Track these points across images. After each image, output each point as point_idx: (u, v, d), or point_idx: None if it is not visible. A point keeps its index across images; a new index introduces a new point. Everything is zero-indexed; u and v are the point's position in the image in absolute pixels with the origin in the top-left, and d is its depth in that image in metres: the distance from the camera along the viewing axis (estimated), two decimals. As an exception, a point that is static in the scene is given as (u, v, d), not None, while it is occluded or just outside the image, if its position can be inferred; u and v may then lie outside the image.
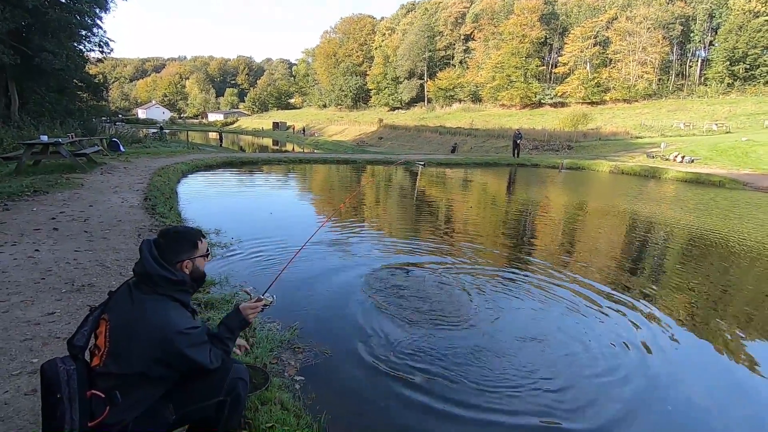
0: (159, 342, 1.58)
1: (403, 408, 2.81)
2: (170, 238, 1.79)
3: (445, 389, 3.00)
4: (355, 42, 75.86)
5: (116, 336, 1.60)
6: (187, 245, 1.81)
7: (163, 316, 1.62)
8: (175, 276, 1.70)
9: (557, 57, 54.28)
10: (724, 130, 31.41)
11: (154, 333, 1.58)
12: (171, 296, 1.70)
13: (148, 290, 1.66)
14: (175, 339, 1.60)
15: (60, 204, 6.74)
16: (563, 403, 2.95)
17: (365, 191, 12.76)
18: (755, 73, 41.31)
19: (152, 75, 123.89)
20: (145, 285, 1.67)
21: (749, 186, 16.36)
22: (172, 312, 1.66)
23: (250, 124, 74.92)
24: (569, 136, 32.22)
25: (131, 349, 1.58)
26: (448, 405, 2.85)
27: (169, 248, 1.75)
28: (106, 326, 1.62)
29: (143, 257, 1.69)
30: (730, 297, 5.29)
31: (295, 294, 4.40)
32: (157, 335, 1.58)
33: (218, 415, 1.78)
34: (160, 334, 1.59)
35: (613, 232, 8.66)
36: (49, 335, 2.94)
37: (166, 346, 1.59)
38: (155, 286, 1.67)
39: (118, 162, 12.46)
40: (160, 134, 26.87)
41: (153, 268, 1.66)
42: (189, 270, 1.80)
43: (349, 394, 2.91)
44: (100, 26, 19.85)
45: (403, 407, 2.81)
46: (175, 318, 1.65)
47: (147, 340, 1.58)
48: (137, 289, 1.67)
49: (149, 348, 1.58)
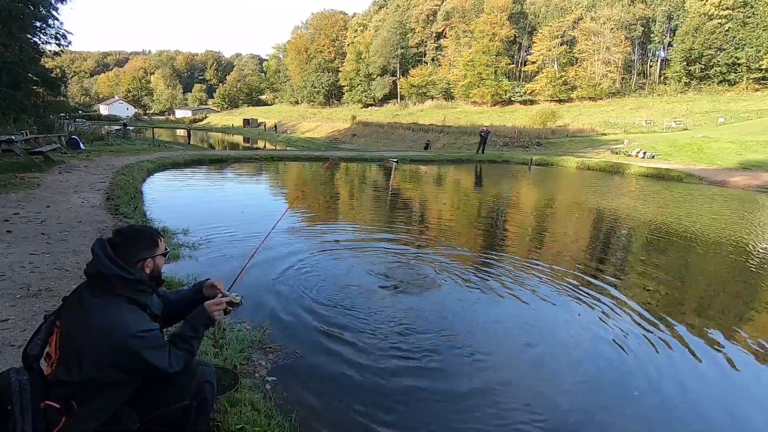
0: (111, 345, 1.51)
1: (374, 405, 2.82)
2: (128, 236, 1.70)
3: (417, 386, 3.04)
4: (326, 38, 75.03)
5: (67, 343, 1.53)
6: (148, 243, 1.73)
7: (115, 318, 1.54)
8: (131, 275, 1.62)
9: (526, 55, 55.58)
10: (682, 127, 32.99)
11: (106, 337, 1.51)
12: (128, 297, 1.61)
13: (101, 292, 1.58)
14: (129, 343, 1.53)
15: (14, 205, 6.38)
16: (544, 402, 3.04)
17: (340, 189, 12.69)
18: (710, 73, 43.59)
19: (114, 69, 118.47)
20: (98, 287, 1.59)
21: (704, 180, 17.28)
22: (127, 315, 1.58)
23: (220, 121, 73.03)
24: (538, 133, 33.11)
25: (83, 356, 1.50)
26: (421, 402, 2.89)
27: (127, 246, 1.67)
28: (57, 333, 1.55)
29: (96, 257, 1.60)
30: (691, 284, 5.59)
31: (265, 293, 4.34)
32: (109, 339, 1.51)
33: (184, 420, 1.73)
34: (113, 338, 1.51)
35: (580, 224, 8.96)
36: (2, 343, 2.79)
37: (119, 350, 1.52)
38: (110, 286, 1.58)
39: (78, 161, 11.90)
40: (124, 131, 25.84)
41: (107, 268, 1.57)
42: (150, 269, 1.73)
43: (321, 394, 2.90)
44: (56, 17, 18.83)
45: (374, 405, 2.83)
46: (130, 321, 1.57)
47: (99, 345, 1.50)
48: (88, 292, 1.58)
49: (102, 353, 1.51)
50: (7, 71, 16.65)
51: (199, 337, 1.84)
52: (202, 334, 1.88)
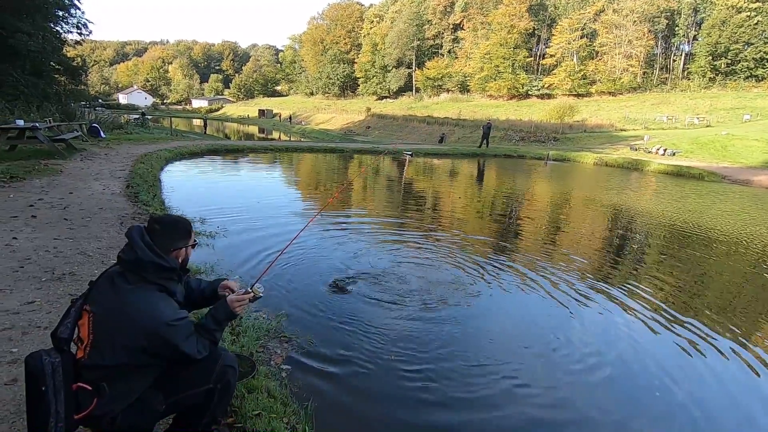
0: (146, 332, 1.56)
1: (388, 396, 2.85)
2: (167, 224, 1.74)
3: (432, 377, 3.06)
4: (342, 29, 74.67)
5: (100, 327, 1.57)
6: (183, 233, 1.78)
7: (150, 305, 1.59)
8: (167, 263, 1.67)
9: (545, 48, 54.45)
10: (705, 124, 32.06)
11: (141, 323, 1.56)
12: (159, 284, 1.66)
13: (135, 279, 1.61)
14: (163, 330, 1.57)
15: (38, 191, 6.55)
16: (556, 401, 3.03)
17: (354, 180, 12.72)
18: (736, 68, 42.11)
19: (133, 59, 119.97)
20: (132, 273, 1.62)
21: (727, 179, 16.82)
22: (160, 302, 1.63)
23: (236, 111, 73.54)
24: (555, 128, 32.51)
25: (116, 340, 1.55)
26: (436, 394, 2.90)
27: (165, 235, 1.71)
28: (88, 317, 1.58)
29: (134, 243, 1.62)
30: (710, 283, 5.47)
31: (281, 283, 4.39)
32: (143, 325, 1.56)
33: (207, 402, 1.78)
34: (147, 324, 1.56)
35: (597, 222, 8.82)
36: (29, 325, 2.88)
37: (153, 336, 1.56)
38: (145, 273, 1.62)
39: (99, 148, 12.14)
40: (143, 120, 26.13)
41: (146, 254, 1.61)
42: (181, 258, 1.79)
43: (336, 383, 2.93)
44: (78, 7, 19.14)
45: (388, 395, 2.86)
46: (163, 308, 1.62)
47: (133, 330, 1.55)
48: (122, 278, 1.62)
49: (135, 338, 1.55)
50: (30, 60, 17.02)
51: (222, 329, 1.89)
52: (225, 326, 1.93)
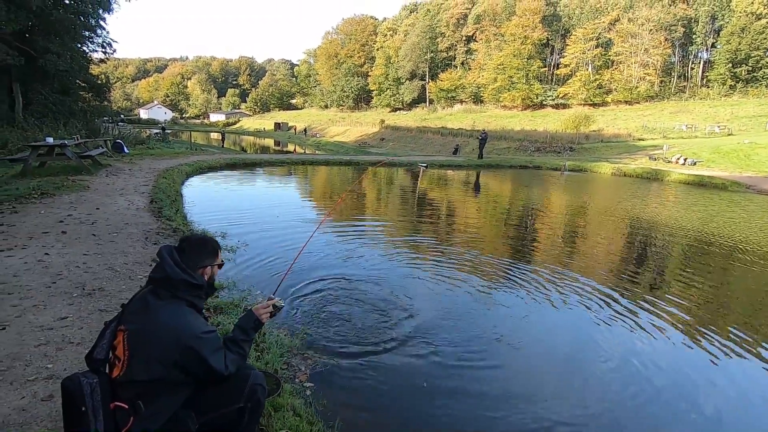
0: (177, 344, 1.61)
1: (414, 413, 2.83)
2: (194, 243, 1.85)
3: (457, 393, 3.03)
4: (356, 43, 75.89)
5: (135, 343, 1.63)
6: (210, 251, 1.88)
7: (180, 319, 1.67)
8: (195, 280, 1.75)
9: (559, 58, 54.29)
10: (726, 133, 31.38)
11: (173, 335, 1.62)
12: (187, 300, 1.73)
13: (166, 295, 1.69)
14: (192, 341, 1.64)
15: (67, 206, 6.78)
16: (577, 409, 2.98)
17: (369, 192, 12.78)
18: (757, 75, 41.25)
19: (154, 75, 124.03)
20: (163, 290, 1.70)
21: (752, 189, 16.37)
22: (189, 316, 1.71)
23: (252, 125, 75.01)
24: (571, 138, 32.23)
25: (150, 355, 1.61)
26: (469, 414, 2.87)
27: (193, 253, 1.80)
28: (123, 336, 1.64)
29: (164, 262, 1.72)
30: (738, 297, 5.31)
31: (301, 299, 4.43)
32: (175, 337, 1.62)
33: (238, 421, 1.81)
34: (179, 336, 1.62)
35: (617, 235, 8.67)
36: (62, 340, 2.97)
37: (184, 348, 1.62)
38: (175, 290, 1.70)
39: (123, 164, 12.51)
40: (163, 135, 26.85)
41: (175, 272, 1.70)
42: (208, 276, 1.87)
43: (360, 402, 2.93)
44: (103, 27, 19.90)
45: (414, 412, 2.84)
46: (193, 321, 1.70)
47: (165, 343, 1.61)
48: (153, 296, 1.70)
49: (168, 351, 1.61)
50: (59, 79, 17.74)
51: (251, 340, 1.95)
52: (253, 336, 1.98)
